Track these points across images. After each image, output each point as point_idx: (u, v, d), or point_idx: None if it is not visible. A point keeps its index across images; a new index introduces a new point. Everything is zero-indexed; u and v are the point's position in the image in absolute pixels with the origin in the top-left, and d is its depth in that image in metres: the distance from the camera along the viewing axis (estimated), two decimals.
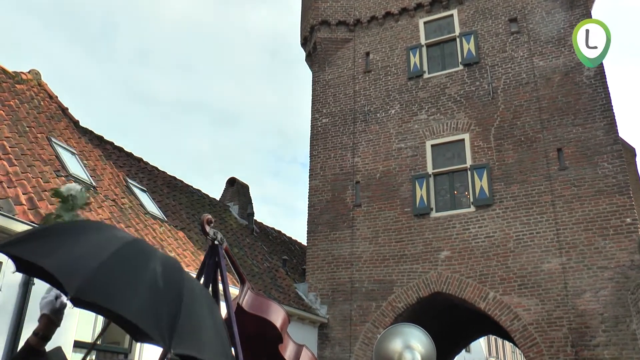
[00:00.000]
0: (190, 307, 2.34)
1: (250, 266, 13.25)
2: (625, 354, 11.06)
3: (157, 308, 2.19)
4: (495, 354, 41.14)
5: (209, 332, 2.46)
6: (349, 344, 13.46)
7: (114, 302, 2.12)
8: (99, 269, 2.10)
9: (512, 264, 12.51)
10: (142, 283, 2.21)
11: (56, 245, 2.19)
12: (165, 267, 2.36)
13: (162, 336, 2.14)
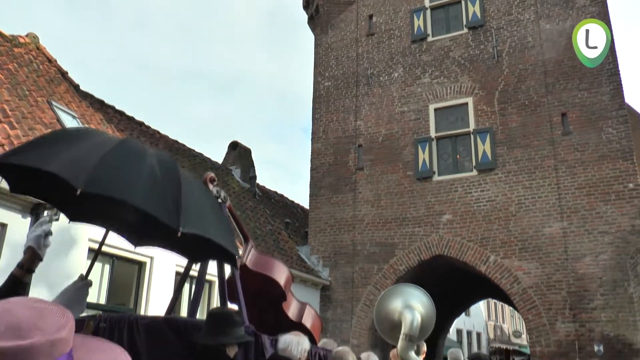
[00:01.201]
0: (190, 195, 2.42)
1: (253, 229, 13.34)
2: (622, 317, 11.21)
3: (160, 194, 2.28)
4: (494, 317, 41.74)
5: (211, 217, 2.58)
6: (351, 306, 13.65)
7: (119, 191, 2.20)
8: (99, 164, 2.17)
9: (514, 227, 12.58)
10: (141, 174, 2.29)
11: (54, 150, 2.23)
12: (160, 160, 2.45)
13: (170, 218, 2.23)
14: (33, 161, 2.20)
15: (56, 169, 2.13)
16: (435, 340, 17.16)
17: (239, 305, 3.52)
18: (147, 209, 2.22)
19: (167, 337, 2.87)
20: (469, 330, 36.23)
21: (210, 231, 2.49)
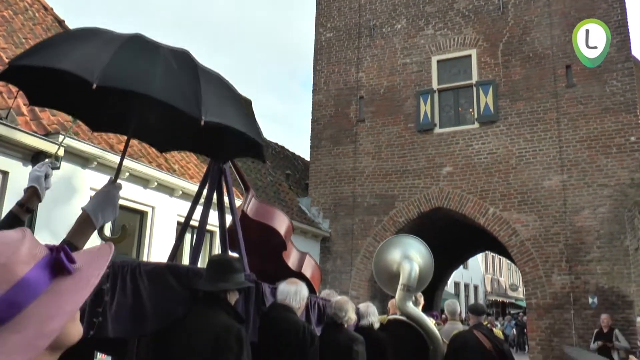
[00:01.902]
0: (209, 85, 2.38)
1: (254, 180, 13.37)
2: (617, 269, 11.37)
3: (178, 84, 2.25)
4: (491, 270, 42.37)
5: (233, 108, 2.52)
6: (351, 258, 13.82)
7: (135, 83, 2.17)
8: (113, 59, 2.14)
9: (513, 180, 12.61)
10: (156, 66, 2.25)
11: (65, 49, 2.20)
12: (174, 53, 2.41)
13: (190, 107, 2.19)
14: (45, 61, 2.16)
15: (70, 66, 2.10)
16: (433, 292, 17.46)
17: (240, 254, 3.56)
18: (165, 99, 2.17)
19: (170, 284, 2.91)
20: (467, 283, 36.85)
21: (233, 121, 2.44)
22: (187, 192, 9.50)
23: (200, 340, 2.85)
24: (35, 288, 0.88)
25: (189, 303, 2.98)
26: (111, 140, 8.93)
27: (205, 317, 2.93)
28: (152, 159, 9.64)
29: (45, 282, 0.90)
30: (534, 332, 12.06)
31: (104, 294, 2.54)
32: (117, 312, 2.63)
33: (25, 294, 0.86)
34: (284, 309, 3.71)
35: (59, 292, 0.91)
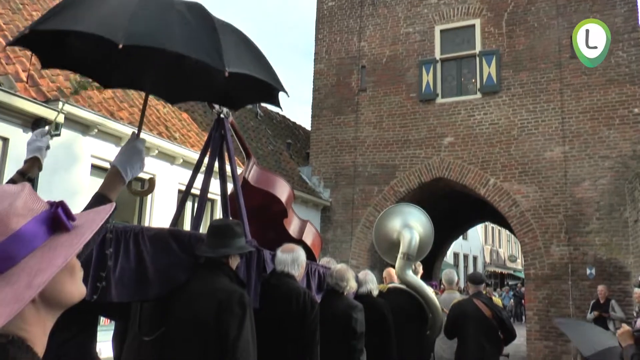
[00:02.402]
0: (225, 36, 2.43)
1: (255, 149, 13.35)
2: (615, 241, 11.44)
3: (197, 38, 2.30)
4: (491, 241, 42.62)
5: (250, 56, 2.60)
6: (351, 227, 13.89)
7: (159, 40, 2.22)
8: (133, 18, 2.16)
9: (515, 151, 12.59)
10: (174, 22, 2.29)
11: (84, 12, 2.22)
12: (189, 7, 2.44)
13: (213, 60, 2.25)
14: (67, 24, 2.18)
15: (93, 28, 2.11)
16: (432, 262, 17.60)
17: (241, 221, 3.57)
18: (189, 54, 2.22)
19: (172, 249, 2.93)
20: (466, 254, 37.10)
21: (253, 69, 2.50)
22: (188, 160, 9.49)
23: (203, 305, 2.88)
24: (31, 242, 0.88)
25: (192, 268, 3.00)
26: (111, 108, 8.90)
27: (208, 282, 2.95)
28: (152, 127, 9.61)
29: (42, 237, 0.90)
30: (531, 302, 12.19)
31: (107, 259, 2.56)
32: (120, 276, 2.65)
33: (19, 247, 0.87)
34: (284, 276, 3.74)
35: (53, 247, 0.91)
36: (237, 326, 2.82)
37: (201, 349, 2.86)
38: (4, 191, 0.91)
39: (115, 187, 2.25)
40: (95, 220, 0.98)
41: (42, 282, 0.85)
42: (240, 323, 2.84)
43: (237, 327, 2.82)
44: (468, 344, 6.05)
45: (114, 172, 2.27)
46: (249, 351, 2.85)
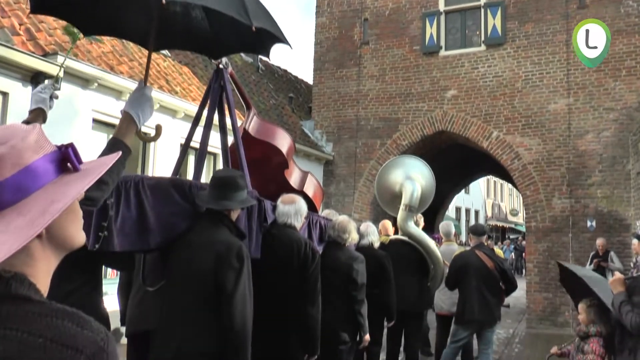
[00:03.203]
0: None
1: (256, 103, 13.26)
2: (617, 193, 11.46)
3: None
4: (493, 195, 42.75)
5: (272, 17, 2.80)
6: (353, 181, 13.93)
7: None
8: None
9: (518, 104, 12.49)
10: None
11: None
12: None
13: (240, 14, 2.41)
14: None
15: None
16: (434, 216, 17.71)
17: (242, 172, 3.57)
18: (220, 9, 2.38)
19: (173, 198, 2.94)
20: (468, 208, 37.29)
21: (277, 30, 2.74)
22: (190, 114, 9.45)
23: (202, 256, 2.92)
24: (41, 177, 0.92)
25: (193, 218, 3.03)
26: (111, 62, 8.80)
27: (208, 233, 2.98)
28: (153, 81, 9.53)
29: (52, 175, 0.94)
30: (532, 255, 12.32)
31: (108, 208, 2.58)
32: (121, 226, 2.67)
33: (30, 181, 0.91)
34: (286, 227, 3.77)
35: (64, 183, 0.95)
36: (234, 279, 2.86)
37: (200, 299, 2.91)
38: (17, 127, 0.95)
39: (129, 132, 2.34)
40: (105, 162, 1.03)
41: (56, 211, 0.89)
42: (237, 276, 2.87)
43: (234, 280, 2.86)
44: (470, 294, 6.15)
45: (126, 118, 2.35)
46: (246, 304, 2.90)
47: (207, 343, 2.86)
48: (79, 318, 0.89)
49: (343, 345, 4.72)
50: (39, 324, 0.85)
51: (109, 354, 0.88)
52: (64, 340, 0.84)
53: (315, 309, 3.71)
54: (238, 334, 2.82)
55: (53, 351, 0.83)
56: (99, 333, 0.89)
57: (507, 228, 43.00)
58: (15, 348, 0.82)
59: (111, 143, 2.28)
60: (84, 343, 0.86)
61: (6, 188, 0.88)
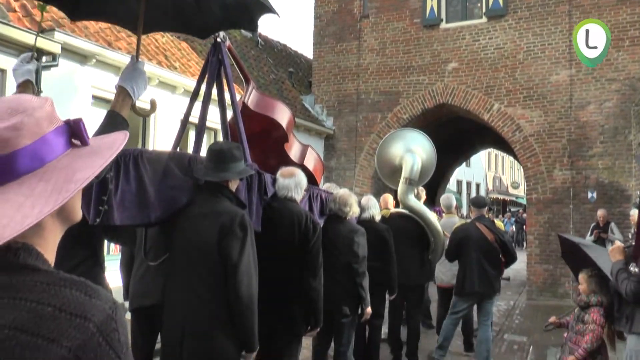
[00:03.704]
0: None
1: (256, 78, 13.18)
2: (618, 164, 11.44)
3: None
4: (494, 168, 42.72)
5: None
6: (354, 155, 13.92)
7: None
8: None
9: (520, 75, 12.39)
10: None
11: None
12: None
13: None
14: None
15: None
16: (435, 189, 17.72)
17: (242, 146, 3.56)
18: None
19: (172, 171, 2.94)
20: (469, 181, 37.28)
21: None
22: (189, 89, 9.38)
23: (205, 228, 2.92)
24: (55, 148, 0.95)
25: (193, 191, 3.03)
26: (109, 38, 8.73)
27: (209, 205, 2.98)
28: (151, 57, 9.47)
29: (63, 147, 0.97)
30: (532, 226, 12.36)
31: (107, 182, 2.58)
32: (121, 200, 2.68)
33: (46, 151, 0.93)
34: (286, 199, 3.78)
35: (80, 155, 0.98)
36: (239, 248, 2.87)
37: (204, 271, 2.91)
38: (32, 97, 0.97)
39: (125, 105, 2.41)
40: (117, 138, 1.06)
41: (84, 179, 0.93)
42: (241, 245, 2.88)
43: (239, 249, 2.87)
44: (470, 267, 6.18)
45: (122, 92, 2.40)
46: (251, 273, 2.91)
47: (213, 315, 2.88)
48: (87, 287, 0.90)
49: (345, 318, 4.77)
50: (47, 293, 0.86)
51: (118, 322, 0.89)
52: (72, 309, 0.85)
53: (317, 282, 3.74)
54: (244, 304, 2.84)
55: (62, 320, 0.84)
56: (107, 301, 0.90)
57: (508, 201, 43.07)
58: (25, 317, 0.83)
59: (109, 116, 2.32)
60: (92, 311, 0.87)
61: (25, 156, 0.90)
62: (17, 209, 0.86)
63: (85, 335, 0.84)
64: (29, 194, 0.88)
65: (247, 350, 2.97)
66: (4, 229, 0.83)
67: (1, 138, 0.88)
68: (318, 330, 3.94)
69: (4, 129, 0.89)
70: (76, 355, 0.82)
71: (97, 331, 0.85)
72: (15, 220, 0.85)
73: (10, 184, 0.89)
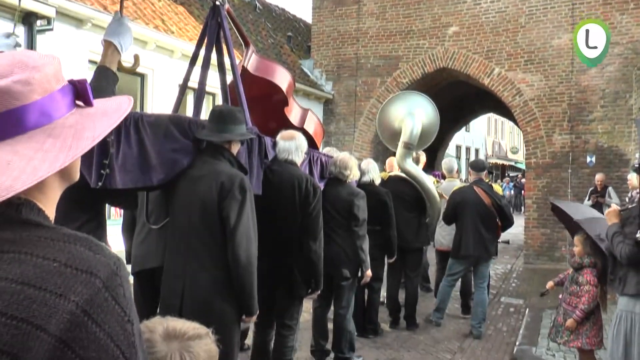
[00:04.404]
0: None
1: (255, 42, 13.02)
2: (618, 128, 11.42)
3: None
4: (494, 133, 42.61)
5: None
6: (354, 119, 13.87)
7: None
8: None
9: (521, 39, 12.26)
10: None
11: None
12: None
13: None
14: None
15: None
16: (434, 153, 17.71)
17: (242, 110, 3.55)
18: None
19: (173, 134, 2.93)
20: (468, 146, 37.21)
21: None
22: (186, 53, 9.29)
23: (205, 189, 2.92)
24: (62, 107, 0.95)
25: (193, 154, 3.02)
26: (104, 2, 8.59)
27: (209, 166, 2.98)
28: (148, 21, 9.35)
29: (69, 107, 0.97)
30: (530, 191, 12.41)
31: (108, 146, 2.58)
32: (123, 163, 2.68)
33: (54, 108, 0.94)
34: (286, 162, 3.78)
35: (86, 115, 0.99)
36: (238, 211, 2.88)
37: (204, 233, 2.93)
38: (41, 54, 0.97)
39: (114, 59, 2.44)
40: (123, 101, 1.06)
41: (94, 137, 0.95)
42: (240, 208, 2.89)
43: (238, 211, 2.88)
44: (466, 230, 6.23)
45: (109, 46, 2.44)
46: (250, 236, 2.92)
47: (213, 278, 2.90)
48: (90, 243, 0.90)
49: (345, 281, 4.83)
50: (52, 249, 0.86)
51: (122, 278, 0.89)
52: (77, 264, 0.85)
53: (317, 245, 3.77)
54: (243, 267, 2.86)
55: (68, 275, 0.84)
56: (111, 257, 0.90)
57: (507, 166, 43.10)
58: (31, 272, 0.83)
59: (99, 71, 2.34)
60: (97, 267, 0.87)
61: (35, 111, 0.91)
62: (27, 162, 0.86)
63: (92, 290, 0.84)
64: (38, 149, 0.88)
65: (246, 314, 2.99)
66: (15, 181, 0.84)
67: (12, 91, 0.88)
68: (318, 293, 3.99)
69: (15, 83, 0.89)
70: (84, 310, 0.82)
71: (103, 287, 0.85)
72: (26, 173, 0.85)
73: (19, 137, 0.89)
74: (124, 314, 0.87)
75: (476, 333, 6.30)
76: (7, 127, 0.88)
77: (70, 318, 0.82)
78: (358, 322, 5.62)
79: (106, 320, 0.84)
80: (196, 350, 1.28)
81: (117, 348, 0.84)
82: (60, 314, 0.81)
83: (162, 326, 1.29)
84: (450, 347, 5.99)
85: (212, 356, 1.32)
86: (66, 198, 1.04)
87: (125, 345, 0.85)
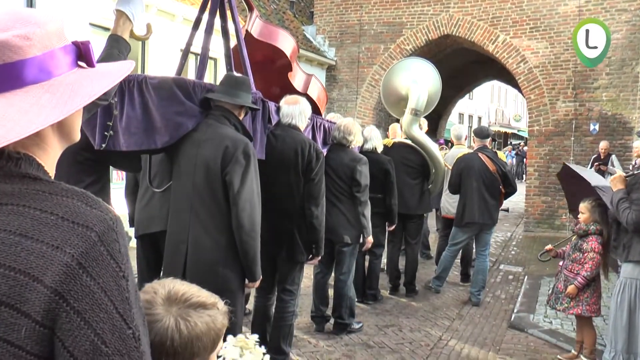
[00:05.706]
0: None
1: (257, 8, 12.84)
2: (623, 96, 11.34)
3: None
4: (497, 101, 42.32)
5: None
6: (356, 86, 13.77)
7: None
8: None
9: (527, 6, 12.07)
10: None
11: None
12: None
13: None
14: None
15: None
16: (437, 121, 17.64)
17: (246, 74, 3.52)
18: None
19: (177, 97, 2.91)
20: (471, 114, 37.03)
21: None
22: (188, 18, 9.19)
23: (209, 152, 2.92)
24: (62, 65, 0.96)
25: (198, 117, 3.02)
26: None
27: (214, 130, 2.97)
28: None
29: (70, 66, 0.98)
30: (532, 159, 12.40)
31: (112, 108, 2.57)
32: (127, 125, 2.67)
33: (54, 65, 0.94)
34: (290, 127, 3.78)
35: (87, 75, 0.99)
36: (241, 176, 2.88)
37: (208, 198, 2.93)
38: (44, 12, 0.98)
39: (125, 29, 2.44)
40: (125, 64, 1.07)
41: (91, 94, 0.95)
42: (244, 173, 2.89)
43: (241, 176, 2.88)
44: (470, 196, 6.24)
45: (121, 16, 2.44)
46: (254, 202, 2.92)
47: (216, 243, 2.91)
48: (87, 197, 0.92)
49: (346, 247, 4.87)
50: (49, 202, 0.88)
51: (118, 234, 0.91)
52: (74, 218, 0.87)
53: (319, 210, 3.78)
54: (246, 232, 2.87)
55: (65, 228, 0.86)
56: (108, 212, 0.92)
57: (510, 134, 42.94)
58: (29, 224, 0.85)
59: (112, 40, 2.35)
60: (94, 221, 0.88)
61: (34, 66, 0.91)
62: (23, 114, 0.88)
63: (87, 243, 0.86)
64: (35, 103, 0.90)
65: (250, 279, 3.02)
66: (9, 132, 0.85)
67: (11, 45, 0.89)
68: (319, 258, 4.02)
69: (15, 37, 0.89)
70: (79, 262, 0.84)
71: (99, 240, 0.87)
72: (20, 125, 0.86)
73: (16, 91, 0.90)
74: (118, 269, 0.88)
75: (475, 300, 6.36)
76: (4, 81, 0.89)
77: (66, 270, 0.84)
78: (358, 289, 5.68)
79: (101, 274, 0.86)
80: (193, 320, 1.22)
81: (110, 302, 0.86)
82: (55, 266, 0.83)
83: (165, 289, 1.25)
84: (449, 314, 6.06)
85: (212, 329, 1.24)
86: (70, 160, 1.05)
87: (118, 300, 0.87)
